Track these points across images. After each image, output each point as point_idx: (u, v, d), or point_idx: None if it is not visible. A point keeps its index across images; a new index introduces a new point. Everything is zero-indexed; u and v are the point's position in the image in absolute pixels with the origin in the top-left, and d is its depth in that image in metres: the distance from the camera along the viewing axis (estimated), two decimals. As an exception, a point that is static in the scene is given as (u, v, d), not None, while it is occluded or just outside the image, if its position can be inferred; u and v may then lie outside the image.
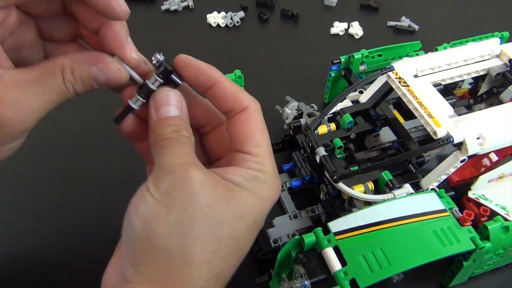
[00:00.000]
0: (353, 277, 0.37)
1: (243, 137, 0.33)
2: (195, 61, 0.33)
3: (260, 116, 0.34)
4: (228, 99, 0.34)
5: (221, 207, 0.30)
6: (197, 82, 0.33)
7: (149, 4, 0.83)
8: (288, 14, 0.80)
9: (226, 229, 0.30)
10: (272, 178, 0.33)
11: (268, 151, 0.34)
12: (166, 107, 0.32)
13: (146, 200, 0.29)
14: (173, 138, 0.31)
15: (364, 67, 0.60)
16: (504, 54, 0.53)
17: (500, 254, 0.44)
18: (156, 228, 0.29)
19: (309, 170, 0.52)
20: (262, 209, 0.33)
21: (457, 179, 0.47)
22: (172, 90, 0.33)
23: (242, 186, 0.32)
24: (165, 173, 0.30)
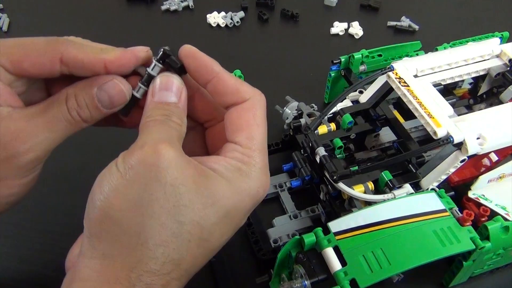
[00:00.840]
0: (353, 277, 0.37)
1: (236, 127, 0.32)
2: (198, 53, 0.33)
3: (261, 109, 0.33)
4: (228, 92, 0.33)
5: (187, 189, 0.28)
6: (198, 74, 0.33)
7: (149, 4, 0.83)
8: (288, 14, 0.80)
9: (189, 214, 0.28)
10: (258, 174, 0.32)
11: (261, 145, 0.32)
12: (164, 91, 0.31)
13: (111, 172, 0.29)
14: (159, 120, 0.30)
15: (364, 67, 0.60)
16: (504, 54, 0.53)
17: (500, 254, 0.44)
18: (114, 201, 0.28)
19: (309, 170, 0.52)
20: (240, 203, 0.31)
21: (457, 179, 0.47)
22: (173, 76, 0.32)
23: (219, 173, 0.30)
24: (136, 147, 0.29)
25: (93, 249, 0.28)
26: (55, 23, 0.81)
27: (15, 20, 0.80)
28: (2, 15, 0.80)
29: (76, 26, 0.80)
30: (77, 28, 0.79)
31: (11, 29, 0.79)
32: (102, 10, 0.84)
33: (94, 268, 0.28)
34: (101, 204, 0.28)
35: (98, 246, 0.28)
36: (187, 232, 0.28)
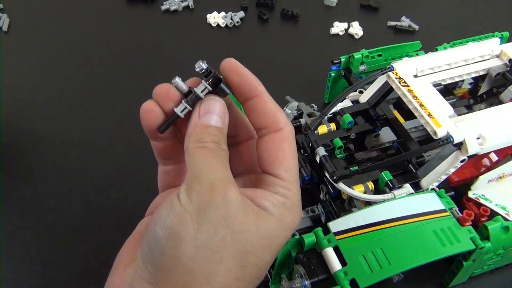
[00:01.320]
0: (353, 277, 0.37)
1: (275, 159, 0.32)
2: (242, 68, 0.32)
3: (293, 140, 0.33)
4: (266, 115, 0.32)
5: (251, 235, 0.29)
6: (240, 90, 0.32)
7: (149, 4, 0.83)
8: (288, 14, 0.80)
9: (252, 258, 0.29)
10: (297, 206, 0.32)
11: (296, 177, 0.33)
12: (211, 115, 0.31)
13: (175, 210, 0.28)
14: (214, 149, 0.30)
15: (364, 67, 0.60)
16: (504, 54, 0.53)
17: (500, 254, 0.44)
18: (185, 247, 0.27)
19: (309, 170, 0.52)
20: (285, 238, 0.32)
21: (457, 179, 0.47)
22: (220, 100, 0.31)
23: (270, 212, 0.30)
24: (202, 186, 0.28)
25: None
26: (55, 23, 0.81)
27: (15, 20, 0.80)
28: (2, 15, 0.80)
29: (76, 26, 0.80)
30: (77, 28, 0.79)
31: (11, 29, 0.79)
32: (102, 10, 0.84)
33: None
34: (172, 252, 0.27)
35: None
36: (248, 275, 0.29)
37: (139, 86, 0.69)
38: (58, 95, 0.68)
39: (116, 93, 0.69)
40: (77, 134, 0.63)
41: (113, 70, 0.72)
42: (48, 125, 0.64)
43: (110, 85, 0.70)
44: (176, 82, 0.32)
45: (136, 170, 0.57)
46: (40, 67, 0.73)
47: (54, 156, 0.60)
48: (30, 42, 0.77)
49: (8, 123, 0.64)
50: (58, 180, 0.57)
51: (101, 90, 0.69)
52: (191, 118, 0.31)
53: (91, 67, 0.73)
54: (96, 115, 0.65)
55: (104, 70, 0.72)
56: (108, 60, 0.74)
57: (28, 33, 0.79)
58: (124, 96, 0.68)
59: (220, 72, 0.32)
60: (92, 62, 0.74)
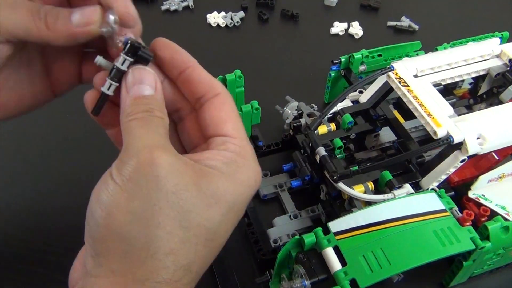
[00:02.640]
0: (353, 277, 0.37)
1: (219, 120, 0.32)
2: (173, 44, 0.33)
3: (233, 103, 0.33)
4: (202, 83, 0.32)
5: (189, 194, 0.28)
6: (172, 62, 0.33)
7: (149, 4, 0.83)
8: (288, 14, 0.80)
9: (195, 218, 0.28)
10: (252, 162, 0.31)
11: (245, 135, 0.32)
12: (139, 85, 0.30)
13: (108, 186, 0.28)
14: (144, 118, 0.29)
15: (364, 67, 0.60)
16: (504, 54, 0.53)
17: (500, 254, 0.44)
18: (117, 216, 0.27)
19: (309, 170, 0.52)
20: (240, 196, 0.30)
21: (457, 179, 0.47)
22: (145, 68, 0.31)
23: (218, 169, 0.29)
24: (130, 156, 0.28)
25: (100, 267, 0.28)
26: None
27: (15, 20, 0.80)
28: (2, 15, 0.80)
29: (76, 26, 0.80)
30: (77, 28, 0.79)
31: (11, 29, 0.79)
32: (102, 10, 0.83)
33: (104, 286, 0.27)
34: (104, 222, 0.27)
35: (105, 264, 0.28)
36: (193, 236, 0.28)
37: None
38: (58, 95, 0.68)
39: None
40: (77, 134, 0.63)
41: (113, 70, 0.72)
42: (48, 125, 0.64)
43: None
44: (98, 61, 0.31)
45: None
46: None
47: (54, 154, 0.60)
48: (30, 42, 0.77)
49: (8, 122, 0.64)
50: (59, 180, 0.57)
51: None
52: (121, 95, 0.31)
53: (91, 67, 0.73)
54: (96, 115, 0.65)
55: (104, 70, 0.72)
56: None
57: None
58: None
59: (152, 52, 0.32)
60: (92, 62, 0.74)
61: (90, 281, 0.28)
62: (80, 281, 0.30)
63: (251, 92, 0.56)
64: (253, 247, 0.48)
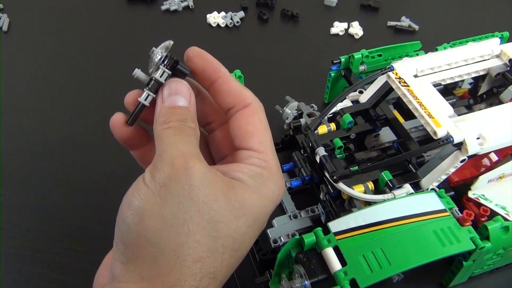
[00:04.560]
0: (353, 277, 0.37)
1: (246, 133, 0.32)
2: (205, 53, 0.33)
3: (263, 114, 0.33)
4: (232, 94, 0.33)
5: (219, 205, 0.29)
6: (204, 73, 0.33)
7: (149, 4, 0.83)
8: (288, 14, 0.80)
9: (223, 228, 0.29)
10: (276, 177, 0.32)
11: (272, 148, 0.33)
12: (174, 96, 0.31)
13: (140, 191, 0.28)
14: (178, 127, 0.30)
15: (364, 67, 0.60)
16: (504, 54, 0.53)
17: (500, 254, 0.44)
18: (149, 222, 0.27)
19: (309, 170, 0.52)
20: (264, 209, 0.31)
21: (457, 179, 0.47)
22: (181, 81, 0.32)
23: (245, 182, 0.30)
24: (164, 163, 0.28)
25: (130, 273, 0.28)
26: (55, 23, 0.81)
27: (15, 20, 0.80)
28: (2, 15, 0.80)
29: (76, 26, 0.80)
30: (77, 28, 0.79)
31: (11, 29, 0.79)
32: (102, 10, 0.84)
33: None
34: (136, 228, 0.28)
35: (135, 270, 0.28)
36: (221, 245, 0.29)
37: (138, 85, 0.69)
38: (58, 95, 0.68)
39: (116, 93, 0.68)
40: (78, 134, 0.63)
41: (113, 70, 0.72)
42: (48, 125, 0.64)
43: (111, 84, 0.70)
44: (136, 74, 0.32)
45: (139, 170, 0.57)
46: (40, 67, 0.73)
47: (54, 155, 0.60)
48: (30, 42, 0.77)
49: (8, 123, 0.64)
50: (59, 180, 0.57)
51: (101, 90, 0.69)
52: (156, 104, 0.32)
53: (91, 67, 0.73)
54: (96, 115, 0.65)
55: (104, 69, 0.72)
56: (108, 59, 0.74)
57: (28, 33, 0.79)
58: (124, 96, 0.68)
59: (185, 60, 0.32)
60: (92, 62, 0.74)
61: (118, 286, 0.28)
62: (107, 286, 0.30)
63: (251, 92, 0.56)
64: (253, 247, 0.48)
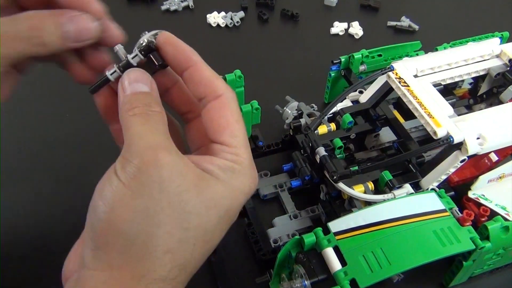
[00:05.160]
0: (353, 277, 0.37)
1: (218, 127, 0.32)
2: (178, 41, 0.33)
3: (235, 105, 0.33)
4: (203, 83, 0.32)
5: (191, 196, 0.29)
6: (175, 61, 0.33)
7: (149, 4, 0.83)
8: (288, 14, 0.80)
9: (194, 219, 0.29)
10: (248, 170, 0.32)
11: (244, 141, 0.32)
12: (135, 84, 0.31)
13: (111, 182, 0.28)
14: (143, 114, 0.30)
15: (364, 67, 0.60)
16: (504, 54, 0.53)
17: (500, 254, 0.44)
18: (119, 212, 0.28)
19: (309, 170, 0.52)
20: (235, 201, 0.31)
21: (457, 179, 0.47)
22: (140, 70, 0.32)
23: (215, 175, 0.30)
24: (134, 155, 0.28)
25: (98, 261, 0.28)
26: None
27: (15, 20, 0.80)
28: (2, 15, 0.80)
29: (76, 26, 0.80)
30: (77, 28, 0.79)
31: (11, 29, 0.79)
32: (102, 10, 0.83)
33: (100, 279, 0.28)
34: (107, 216, 0.28)
35: (104, 258, 0.28)
36: (192, 237, 0.29)
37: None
38: (58, 95, 0.68)
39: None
40: (78, 133, 0.63)
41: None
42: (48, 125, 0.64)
43: (110, 85, 0.70)
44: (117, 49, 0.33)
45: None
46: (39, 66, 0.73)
47: (54, 155, 0.60)
48: (30, 42, 0.77)
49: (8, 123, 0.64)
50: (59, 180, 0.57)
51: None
52: (118, 95, 0.32)
53: (91, 67, 0.73)
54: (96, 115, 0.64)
55: (104, 70, 0.72)
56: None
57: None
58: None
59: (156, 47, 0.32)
60: (92, 62, 0.74)
61: (87, 273, 0.28)
62: (76, 273, 0.30)
63: (251, 92, 0.56)
64: (253, 247, 0.48)
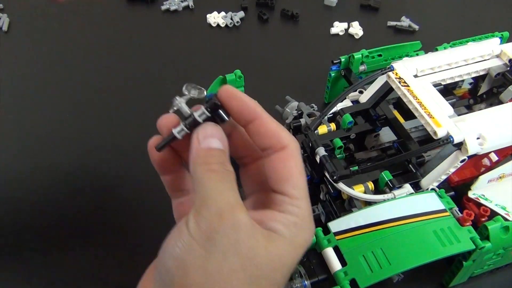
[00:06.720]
0: (353, 277, 0.37)
1: (281, 177, 0.32)
2: (239, 93, 0.32)
3: (299, 156, 0.33)
4: (268, 135, 0.32)
5: (261, 260, 0.29)
6: (239, 115, 0.32)
7: (149, 4, 0.83)
8: (288, 14, 0.80)
9: (262, 282, 0.29)
10: (309, 223, 0.32)
11: (305, 193, 0.33)
12: (210, 139, 0.31)
13: (183, 239, 0.28)
14: (220, 171, 0.30)
15: (364, 67, 0.60)
16: (504, 54, 0.53)
17: (500, 254, 0.44)
18: (193, 276, 0.27)
19: (309, 170, 0.52)
20: (297, 257, 0.32)
21: (457, 179, 0.47)
22: (216, 125, 0.32)
23: (281, 234, 0.30)
24: (211, 212, 0.28)
25: None
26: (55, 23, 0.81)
27: (15, 20, 0.80)
28: (2, 15, 0.80)
29: (76, 26, 0.80)
30: (77, 28, 0.79)
31: (11, 29, 0.79)
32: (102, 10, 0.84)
33: None
34: (181, 281, 0.28)
35: None
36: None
37: (138, 85, 0.69)
38: (57, 95, 0.68)
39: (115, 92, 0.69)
40: (78, 134, 0.63)
41: (113, 70, 0.72)
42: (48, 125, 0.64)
43: (110, 84, 0.70)
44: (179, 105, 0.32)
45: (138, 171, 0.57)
46: (39, 67, 0.73)
47: (54, 155, 0.60)
48: (30, 42, 0.77)
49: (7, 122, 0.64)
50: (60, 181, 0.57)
51: (101, 90, 0.69)
52: (191, 145, 0.31)
53: (91, 67, 0.73)
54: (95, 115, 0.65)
55: (104, 69, 0.72)
56: (108, 59, 0.74)
57: (28, 33, 0.79)
58: (123, 96, 0.68)
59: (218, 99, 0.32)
60: (92, 62, 0.74)
61: None
62: None
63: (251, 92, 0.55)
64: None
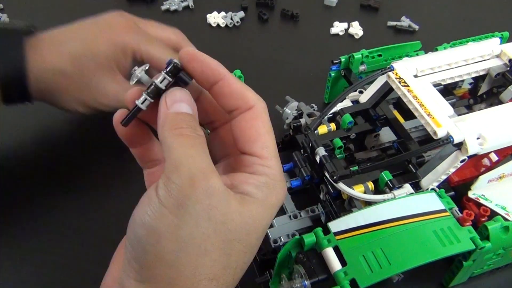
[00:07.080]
0: (353, 277, 0.37)
1: (249, 138, 0.32)
2: (202, 55, 0.31)
3: (266, 116, 0.33)
4: (234, 96, 0.32)
5: (235, 224, 0.29)
6: (203, 77, 0.31)
7: (149, 4, 0.83)
8: (288, 14, 0.80)
9: (236, 245, 0.29)
10: (280, 182, 0.32)
11: (275, 152, 0.32)
12: (179, 103, 0.30)
13: (153, 206, 0.27)
14: (190, 136, 0.29)
15: (364, 67, 0.60)
16: (504, 54, 0.53)
17: (500, 254, 0.44)
18: (166, 243, 0.27)
19: (309, 170, 0.52)
20: (270, 218, 0.31)
21: (457, 179, 0.47)
22: (184, 90, 0.31)
23: (253, 196, 0.30)
24: (182, 178, 0.27)
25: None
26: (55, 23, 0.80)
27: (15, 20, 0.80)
28: (2, 15, 0.80)
29: (76, 26, 0.80)
30: (77, 28, 0.79)
31: (11, 29, 0.79)
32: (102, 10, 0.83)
33: None
34: (153, 249, 0.27)
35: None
36: (234, 261, 0.29)
37: (139, 86, 0.69)
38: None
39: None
40: (77, 134, 0.63)
41: (113, 70, 0.72)
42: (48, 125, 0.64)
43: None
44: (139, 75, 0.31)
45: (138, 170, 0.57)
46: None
47: (53, 155, 0.60)
48: (30, 42, 0.77)
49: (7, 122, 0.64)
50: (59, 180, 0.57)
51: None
52: (159, 110, 0.31)
53: (91, 67, 0.73)
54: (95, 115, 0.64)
55: (104, 70, 0.72)
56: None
57: (28, 33, 0.79)
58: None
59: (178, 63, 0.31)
60: (92, 62, 0.74)
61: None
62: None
63: (251, 92, 0.56)
64: (253, 247, 0.48)
